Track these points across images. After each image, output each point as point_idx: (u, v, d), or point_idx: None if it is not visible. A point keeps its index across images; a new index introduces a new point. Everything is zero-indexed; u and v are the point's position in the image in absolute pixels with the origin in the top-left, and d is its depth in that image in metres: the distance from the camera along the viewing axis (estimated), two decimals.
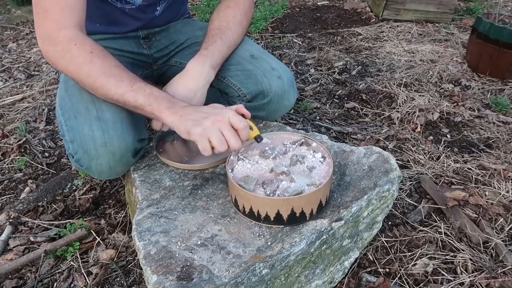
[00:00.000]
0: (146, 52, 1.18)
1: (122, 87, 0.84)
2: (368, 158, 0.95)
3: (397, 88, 1.93)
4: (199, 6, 3.18)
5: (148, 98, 0.84)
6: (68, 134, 0.93)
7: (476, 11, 2.87)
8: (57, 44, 0.85)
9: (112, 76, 0.85)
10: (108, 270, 1.05)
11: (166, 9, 1.15)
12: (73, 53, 0.84)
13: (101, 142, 0.88)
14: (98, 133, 0.87)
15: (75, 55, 0.84)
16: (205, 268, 0.71)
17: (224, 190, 0.89)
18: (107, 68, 0.85)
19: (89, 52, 0.84)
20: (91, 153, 0.89)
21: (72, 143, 0.92)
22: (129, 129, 0.91)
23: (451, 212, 1.19)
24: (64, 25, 0.85)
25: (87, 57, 0.84)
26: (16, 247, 1.13)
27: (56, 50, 0.85)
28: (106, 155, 0.89)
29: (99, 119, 0.88)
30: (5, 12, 3.11)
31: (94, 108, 0.90)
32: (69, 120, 0.93)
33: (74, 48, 0.84)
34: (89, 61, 0.84)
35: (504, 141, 1.55)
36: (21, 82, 2.09)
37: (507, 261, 1.04)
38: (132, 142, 0.92)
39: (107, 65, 0.85)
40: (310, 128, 1.65)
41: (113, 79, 0.84)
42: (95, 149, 0.88)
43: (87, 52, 0.84)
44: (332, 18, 2.93)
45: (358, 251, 0.94)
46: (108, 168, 0.91)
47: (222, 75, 1.14)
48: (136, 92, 0.84)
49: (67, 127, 0.94)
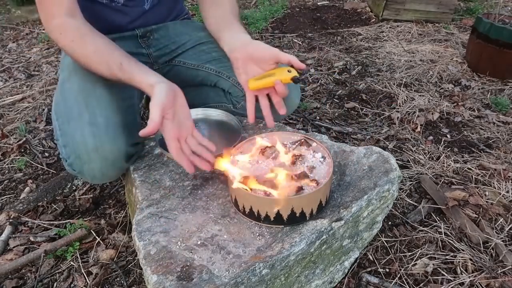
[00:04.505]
0: (145, 51, 1.18)
1: (105, 72, 0.89)
2: (368, 158, 0.95)
3: (397, 88, 1.93)
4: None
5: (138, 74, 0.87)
6: (62, 139, 0.94)
7: (476, 11, 2.87)
8: (50, 33, 0.92)
9: (96, 63, 0.89)
10: (108, 270, 1.05)
11: (156, 5, 1.15)
12: (60, 43, 0.91)
13: (93, 147, 0.88)
14: (90, 138, 0.88)
15: (62, 45, 0.91)
16: (205, 268, 0.71)
17: (224, 190, 0.89)
18: (87, 56, 0.90)
19: (70, 41, 0.89)
20: (83, 158, 0.89)
21: (65, 148, 0.93)
22: (121, 134, 0.91)
23: (451, 212, 1.19)
24: (52, 15, 0.90)
25: (69, 46, 0.90)
26: (16, 247, 1.13)
27: (54, 38, 0.92)
28: (98, 160, 0.89)
29: (91, 124, 0.89)
30: (5, 12, 3.11)
31: (87, 113, 0.91)
32: (63, 125, 0.94)
33: (60, 37, 0.90)
34: (72, 51, 0.90)
35: (504, 141, 1.55)
36: (21, 82, 2.09)
37: (507, 261, 1.04)
38: (125, 147, 0.92)
39: (86, 52, 0.89)
40: (310, 128, 1.65)
41: (95, 65, 0.89)
42: (87, 154, 0.89)
43: (69, 41, 0.89)
44: (332, 18, 2.93)
45: (358, 251, 0.94)
46: (100, 173, 0.92)
47: (227, 75, 1.14)
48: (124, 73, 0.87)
49: (60, 131, 0.95)
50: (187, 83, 1.24)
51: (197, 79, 1.21)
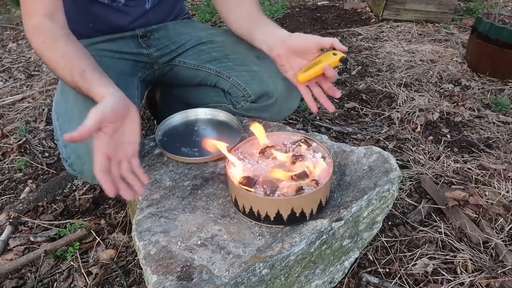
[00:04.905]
0: (145, 51, 1.18)
1: (67, 77, 0.86)
2: (368, 158, 0.95)
3: (397, 88, 1.93)
4: (199, 6, 3.18)
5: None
6: (62, 139, 0.94)
7: (476, 11, 2.87)
8: (26, 31, 0.90)
9: (61, 68, 0.86)
10: (108, 270, 1.05)
11: (157, 4, 1.15)
12: (32, 43, 0.89)
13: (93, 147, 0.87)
14: (90, 138, 0.87)
15: (33, 46, 0.89)
16: (205, 268, 0.71)
17: (224, 190, 0.89)
18: (54, 60, 0.87)
19: (41, 43, 0.87)
20: (83, 157, 0.89)
21: (66, 148, 0.93)
22: None
23: (451, 212, 1.19)
24: (30, 14, 0.89)
25: (39, 47, 0.88)
26: (16, 247, 1.13)
27: (28, 37, 0.90)
28: None
29: None
30: (5, 12, 3.11)
31: (88, 113, 0.90)
32: (63, 125, 0.94)
33: (33, 38, 0.89)
34: (41, 52, 0.88)
35: (504, 141, 1.55)
36: (21, 82, 2.09)
37: (507, 261, 1.04)
38: None
39: (54, 56, 0.86)
40: (310, 128, 1.65)
41: (60, 70, 0.86)
42: (88, 154, 0.88)
43: (40, 42, 0.87)
44: (332, 18, 2.93)
45: (358, 251, 0.94)
46: None
47: (227, 75, 1.14)
48: (84, 82, 0.83)
49: (61, 131, 0.94)
50: (187, 83, 1.24)
51: (196, 79, 1.21)
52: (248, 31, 1.05)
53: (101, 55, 1.09)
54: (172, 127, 1.09)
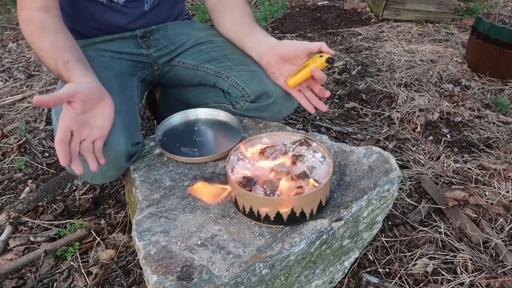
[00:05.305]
0: (145, 52, 1.18)
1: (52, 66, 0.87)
2: (368, 158, 0.95)
3: (397, 88, 1.93)
4: (199, 6, 3.18)
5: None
6: None
7: (476, 11, 2.87)
8: (20, 23, 0.93)
9: (47, 56, 0.87)
10: (108, 270, 1.05)
11: (157, 5, 1.15)
12: (24, 34, 0.91)
13: None
14: None
15: (25, 36, 0.91)
16: (205, 268, 0.71)
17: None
18: (42, 49, 0.88)
19: (32, 33, 0.89)
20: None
21: None
22: (121, 134, 0.91)
23: (451, 212, 1.19)
24: (25, 6, 0.91)
25: (30, 38, 0.90)
26: (16, 247, 1.13)
27: (21, 29, 0.92)
28: None
29: None
30: (5, 12, 3.11)
31: None
32: None
33: (25, 28, 0.91)
34: (31, 43, 0.90)
35: (504, 141, 1.55)
36: (21, 82, 2.09)
37: (507, 261, 1.04)
38: (125, 146, 0.91)
39: (43, 46, 0.88)
40: (310, 128, 1.65)
41: (46, 58, 0.88)
42: None
43: (31, 33, 0.89)
44: (332, 18, 2.93)
45: (358, 251, 0.94)
46: (101, 173, 0.91)
47: (226, 75, 1.14)
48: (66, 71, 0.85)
49: None
50: (187, 83, 1.24)
51: (196, 79, 1.21)
52: (239, 38, 1.10)
53: (101, 55, 1.10)
54: (172, 127, 1.09)
